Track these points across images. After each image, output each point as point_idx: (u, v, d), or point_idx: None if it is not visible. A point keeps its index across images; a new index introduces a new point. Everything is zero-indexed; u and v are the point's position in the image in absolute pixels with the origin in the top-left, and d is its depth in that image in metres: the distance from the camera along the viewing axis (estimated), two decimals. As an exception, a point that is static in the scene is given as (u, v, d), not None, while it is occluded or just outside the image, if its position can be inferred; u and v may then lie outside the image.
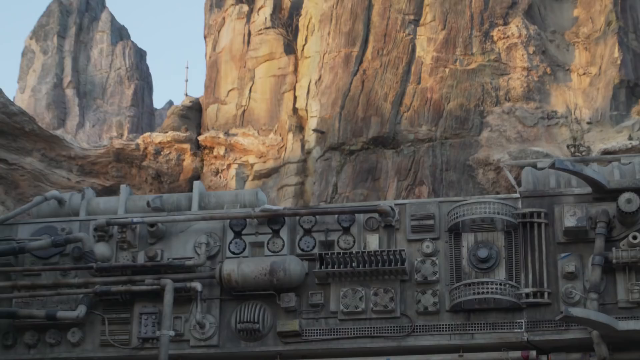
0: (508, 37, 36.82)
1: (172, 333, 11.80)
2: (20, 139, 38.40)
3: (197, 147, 40.49)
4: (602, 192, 11.51)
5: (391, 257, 11.78)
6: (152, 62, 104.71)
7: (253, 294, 11.90)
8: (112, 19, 67.54)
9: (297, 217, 12.30)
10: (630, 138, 33.19)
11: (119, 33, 67.49)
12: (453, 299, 11.56)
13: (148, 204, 13.09)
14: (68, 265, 12.37)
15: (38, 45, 65.52)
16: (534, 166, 12.43)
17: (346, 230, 12.16)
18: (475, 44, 36.82)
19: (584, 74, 36.96)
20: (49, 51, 64.90)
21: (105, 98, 63.79)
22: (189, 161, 40.15)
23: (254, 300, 11.90)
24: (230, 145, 39.56)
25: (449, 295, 11.61)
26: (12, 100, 41.11)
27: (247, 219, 12.37)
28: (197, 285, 12.00)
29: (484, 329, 11.48)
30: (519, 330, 11.34)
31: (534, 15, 38.20)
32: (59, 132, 44.57)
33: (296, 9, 42.13)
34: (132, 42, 66.81)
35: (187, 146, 40.29)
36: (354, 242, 12.08)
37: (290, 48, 40.93)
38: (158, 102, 67.49)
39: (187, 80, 67.68)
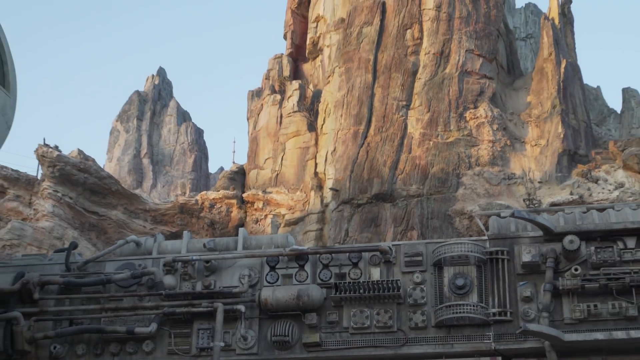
0: (477, 117, 36.91)
1: (222, 344, 11.73)
2: (108, 197, 38.59)
3: (242, 202, 40.58)
4: (550, 235, 11.45)
5: (389, 285, 11.71)
6: (208, 138, 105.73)
7: (284, 313, 11.84)
8: (178, 106, 68.14)
9: (318, 255, 12.27)
10: (571, 193, 33.11)
11: (183, 116, 68.04)
12: (437, 317, 11.46)
13: (204, 245, 13.08)
14: (143, 292, 12.35)
15: (122, 126, 66.08)
16: (498, 215, 12.38)
17: (355, 265, 12.10)
18: (452, 123, 36.91)
19: (536, 145, 36.98)
20: (130, 130, 65.42)
21: (172, 165, 64.13)
22: (235, 213, 40.21)
23: (285, 318, 11.83)
24: (267, 201, 39.63)
25: (434, 314, 11.51)
26: (102, 167, 41.39)
27: (280, 257, 12.33)
28: (242, 307, 11.94)
29: (461, 340, 11.37)
30: (488, 341, 11.22)
31: (496, 101, 38.33)
32: (137, 191, 44.78)
33: (316, 97, 42.40)
34: (193, 123, 67.32)
35: (234, 201, 40.39)
36: (361, 274, 12.02)
37: (312, 127, 41.13)
38: (212, 168, 67.62)
39: (234, 152, 67.85)
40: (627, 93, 52.93)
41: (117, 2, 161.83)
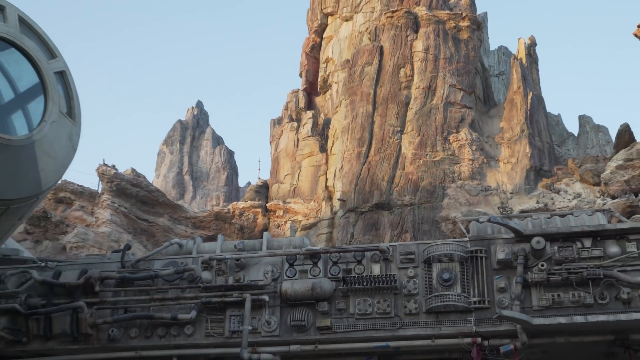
0: (459, 140, 36.88)
1: (250, 327, 11.67)
2: (156, 207, 38.68)
3: (266, 211, 40.60)
4: (521, 237, 11.38)
5: (387, 279, 11.65)
6: (238, 158, 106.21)
7: (301, 302, 11.79)
8: (213, 132, 68.41)
9: (328, 254, 12.22)
10: (537, 202, 33.00)
11: (217, 140, 68.29)
12: (427, 305, 11.39)
13: (235, 246, 13.05)
14: (185, 285, 12.32)
15: (167, 148, 66.34)
16: (477, 221, 12.31)
17: (359, 262, 12.04)
18: (438, 145, 36.89)
19: (507, 162, 36.92)
20: (174, 152, 65.67)
21: (209, 181, 64.29)
22: (260, 219, 40.23)
23: (301, 306, 11.77)
24: (287, 209, 39.65)
25: (424, 302, 11.44)
26: (151, 182, 41.53)
27: (297, 255, 12.29)
28: (266, 297, 11.89)
29: (447, 324, 11.28)
30: (470, 325, 11.14)
31: (475, 126, 38.32)
32: (180, 202, 44.87)
33: (327, 124, 42.50)
34: (226, 146, 67.57)
35: (259, 210, 40.42)
36: (364, 269, 11.96)
37: (323, 149, 41.19)
38: (241, 182, 67.81)
39: (259, 169, 68.30)
40: (583, 119, 52.93)
41: (164, 48, 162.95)
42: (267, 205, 40.63)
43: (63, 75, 9.52)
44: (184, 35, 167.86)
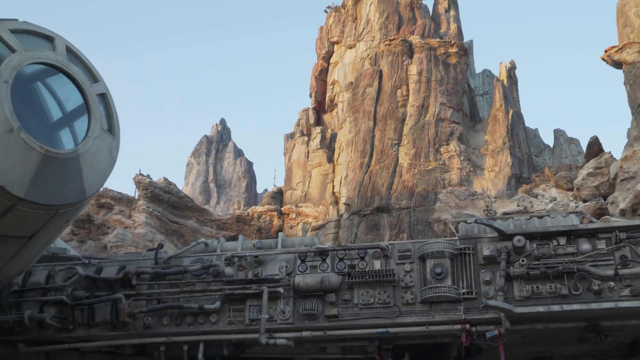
0: (449, 151, 36.84)
1: (267, 316, 11.66)
2: (185, 211, 38.74)
3: (281, 214, 40.62)
4: (504, 236, 11.34)
5: (387, 273, 11.63)
6: (256, 168, 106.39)
7: (311, 294, 11.77)
8: (234, 145, 68.52)
9: (335, 251, 12.21)
10: (518, 205, 32.90)
11: (238, 153, 68.40)
12: (422, 296, 11.36)
13: (254, 245, 13.05)
14: (210, 279, 12.33)
15: (195, 160, 66.50)
16: (465, 222, 12.27)
17: (362, 258, 12.02)
18: (431, 155, 36.85)
19: (491, 171, 36.84)
20: (201, 163, 65.83)
21: (231, 188, 64.37)
22: (276, 221, 40.24)
23: (312, 297, 11.76)
24: (299, 212, 39.64)
25: (419, 293, 11.41)
26: (181, 190, 41.61)
27: (308, 253, 12.28)
28: (281, 289, 11.88)
29: (440, 313, 11.25)
30: (459, 313, 11.10)
31: (463, 139, 38.27)
32: (206, 207, 44.95)
33: (333, 138, 42.53)
34: (245, 157, 67.65)
35: (275, 213, 40.44)
36: (367, 265, 11.93)
37: (330, 159, 41.21)
38: (259, 189, 67.87)
39: (274, 177, 68.36)
40: (557, 133, 52.80)
41: (192, 75, 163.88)
42: (282, 209, 40.67)
43: (104, 97, 9.59)
44: (209, 63, 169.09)
